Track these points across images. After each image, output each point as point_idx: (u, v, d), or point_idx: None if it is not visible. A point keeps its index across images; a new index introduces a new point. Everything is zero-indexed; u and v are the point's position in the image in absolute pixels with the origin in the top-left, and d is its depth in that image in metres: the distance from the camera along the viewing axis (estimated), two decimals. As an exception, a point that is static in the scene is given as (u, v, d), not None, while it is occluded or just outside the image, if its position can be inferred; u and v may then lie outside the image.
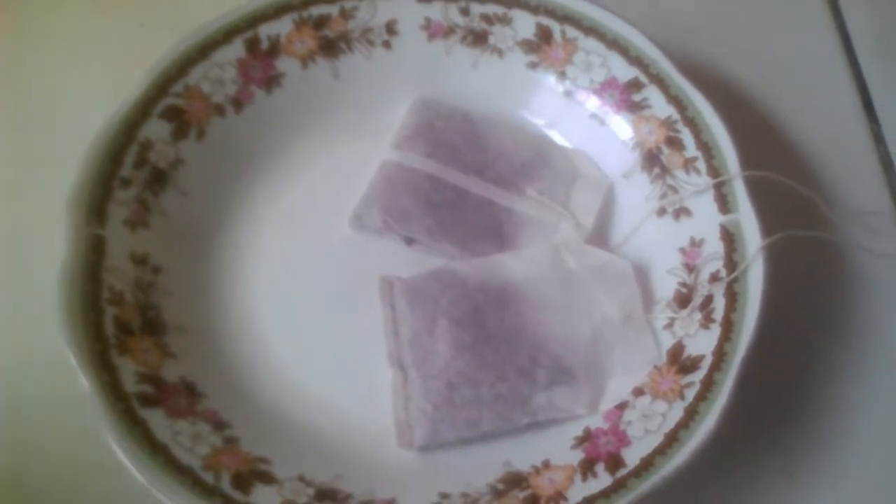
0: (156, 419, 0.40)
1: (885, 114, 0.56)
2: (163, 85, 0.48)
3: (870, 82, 0.57)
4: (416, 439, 0.42)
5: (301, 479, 0.41)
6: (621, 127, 0.50)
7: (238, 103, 0.50)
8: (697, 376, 0.42)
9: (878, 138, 0.55)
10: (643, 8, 0.55)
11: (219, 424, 0.42)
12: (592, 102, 0.51)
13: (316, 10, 0.51)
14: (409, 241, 0.49)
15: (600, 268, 0.47)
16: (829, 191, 0.53)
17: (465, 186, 0.49)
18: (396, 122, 0.52)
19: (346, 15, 0.52)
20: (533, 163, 0.51)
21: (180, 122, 0.48)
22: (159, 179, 0.47)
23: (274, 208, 0.50)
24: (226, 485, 0.39)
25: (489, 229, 0.49)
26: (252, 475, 0.40)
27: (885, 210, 0.53)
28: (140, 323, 0.44)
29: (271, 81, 0.51)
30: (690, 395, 0.42)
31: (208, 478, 0.39)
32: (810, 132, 0.55)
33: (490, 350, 0.44)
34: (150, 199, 0.47)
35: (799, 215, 0.48)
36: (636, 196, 0.49)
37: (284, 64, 0.51)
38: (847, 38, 0.59)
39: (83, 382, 0.40)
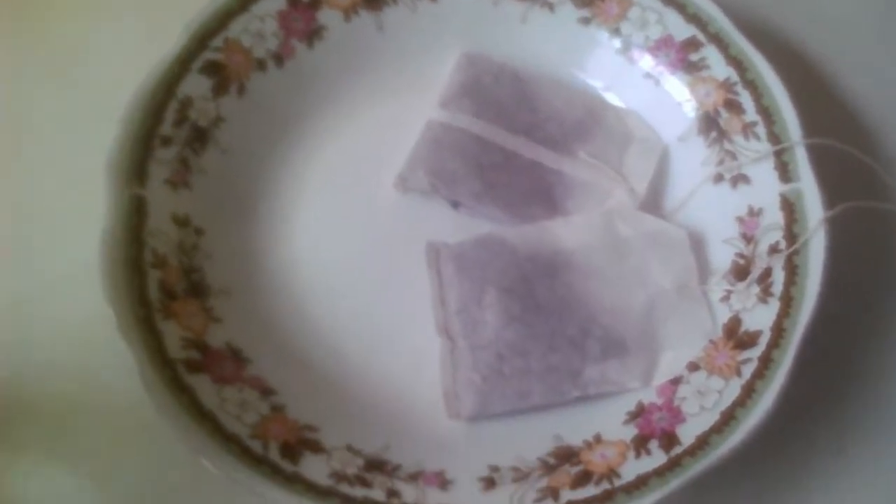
0: (203, 386, 0.40)
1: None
2: (202, 39, 0.47)
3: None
4: (465, 410, 0.42)
5: (349, 448, 0.40)
6: (677, 88, 0.49)
7: (279, 58, 0.49)
8: (755, 352, 0.41)
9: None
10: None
11: (265, 391, 0.41)
12: (647, 61, 0.49)
13: (360, -39, 0.49)
14: (455, 204, 0.47)
15: (654, 235, 0.45)
16: (891, 159, 0.51)
17: (513, 148, 0.48)
18: (442, 77, 0.50)
19: (391, -35, 0.50)
20: (585, 124, 0.49)
21: (221, 77, 0.47)
22: (200, 138, 0.46)
23: (316, 167, 0.48)
24: (274, 454, 0.39)
25: (538, 193, 0.47)
26: (300, 444, 0.40)
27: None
28: (184, 286, 0.43)
29: (313, 35, 0.49)
30: (748, 371, 0.41)
31: (256, 447, 0.39)
32: (875, 98, 0.53)
33: (540, 320, 0.43)
34: (191, 158, 0.46)
35: (861, 185, 0.46)
36: (692, 161, 0.48)
37: (326, 16, 0.49)
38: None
39: (128, 349, 0.39)
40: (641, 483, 0.38)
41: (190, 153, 0.46)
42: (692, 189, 0.47)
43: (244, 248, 0.46)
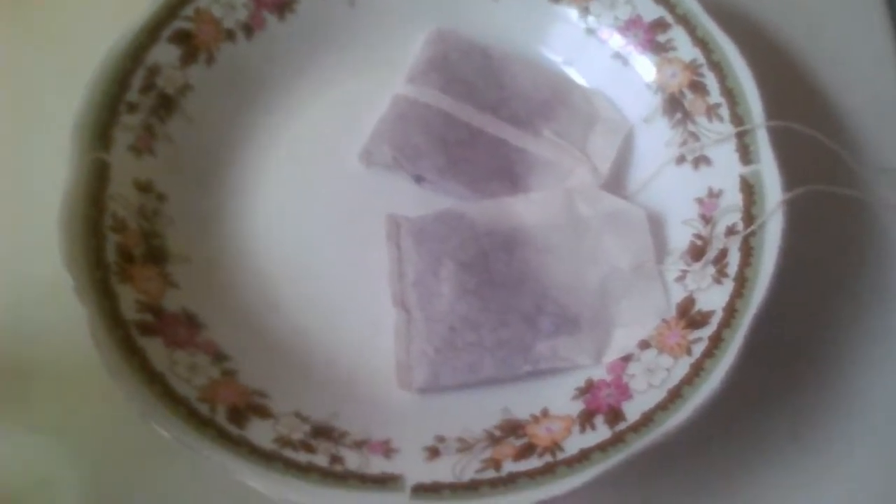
0: (154, 348, 0.40)
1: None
2: (172, 7, 0.47)
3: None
4: (416, 381, 0.42)
5: (297, 415, 0.41)
6: (644, 68, 0.49)
7: (249, 29, 0.49)
8: (706, 332, 0.41)
9: (914, 90, 0.53)
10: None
11: (218, 356, 0.42)
12: (615, 41, 0.49)
13: (332, -67, 0.49)
14: (419, 179, 0.47)
15: (613, 215, 0.46)
16: (856, 145, 0.51)
17: (478, 125, 0.48)
18: (412, 53, 0.50)
19: (363, -62, 0.50)
20: (551, 103, 0.49)
21: (189, 46, 0.47)
22: (166, 105, 0.46)
23: (283, 139, 0.49)
24: (221, 417, 0.39)
25: (501, 170, 0.47)
26: (248, 409, 0.40)
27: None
28: (143, 250, 0.43)
29: (284, 7, 0.50)
30: (698, 350, 0.41)
31: (204, 409, 0.39)
32: (841, 82, 0.53)
33: (494, 295, 0.43)
34: (157, 126, 0.46)
35: (824, 169, 0.46)
36: (656, 142, 0.48)
37: (298, -11, 0.49)
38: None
39: (82, 308, 0.39)
40: (584, 457, 0.38)
41: (156, 120, 0.46)
42: (654, 170, 0.47)
43: (206, 216, 0.46)
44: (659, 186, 0.47)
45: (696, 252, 0.44)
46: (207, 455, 0.37)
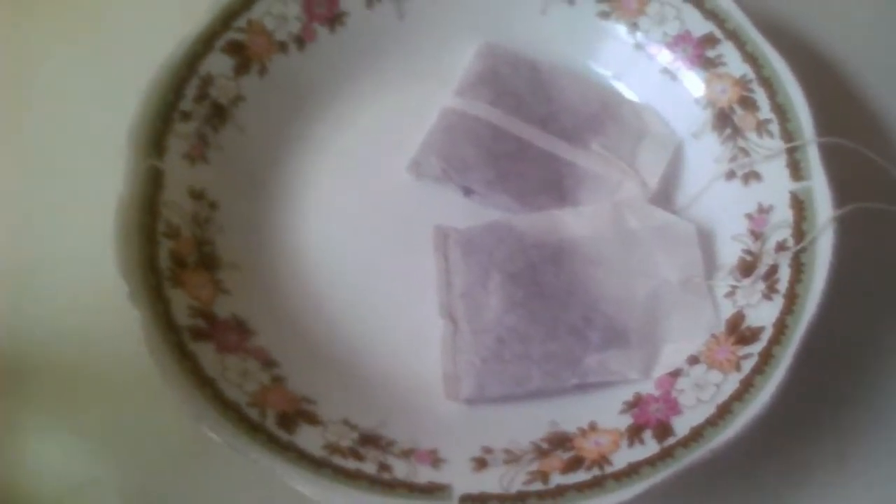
0: (206, 353, 0.40)
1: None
2: (226, 19, 0.48)
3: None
4: (463, 392, 0.42)
5: (346, 422, 0.41)
6: (693, 84, 0.49)
7: (300, 41, 0.49)
8: (756, 348, 0.41)
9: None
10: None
11: (267, 362, 0.42)
12: (664, 56, 0.49)
13: (384, -54, 0.50)
14: (467, 191, 0.48)
15: (662, 229, 0.45)
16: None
17: (527, 138, 0.48)
18: (460, 66, 0.51)
19: (414, -47, 0.50)
20: (599, 116, 0.49)
21: (242, 57, 0.48)
22: (219, 115, 0.47)
23: (332, 149, 0.49)
24: (271, 423, 0.39)
25: (549, 183, 0.48)
26: (297, 415, 0.40)
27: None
28: (195, 257, 0.44)
29: (335, 19, 0.50)
30: (747, 367, 0.40)
31: (254, 414, 0.39)
32: (891, 96, 0.52)
33: (542, 307, 0.43)
34: (210, 134, 0.46)
35: (873, 186, 0.45)
36: (705, 157, 0.48)
37: (349, 2, 0.50)
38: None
39: (136, 313, 0.40)
40: (632, 471, 0.38)
41: (209, 129, 0.47)
42: (704, 185, 0.47)
43: (256, 225, 0.47)
44: (708, 202, 0.47)
45: (746, 268, 0.44)
46: (258, 459, 0.37)
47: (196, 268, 0.44)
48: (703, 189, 0.47)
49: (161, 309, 0.41)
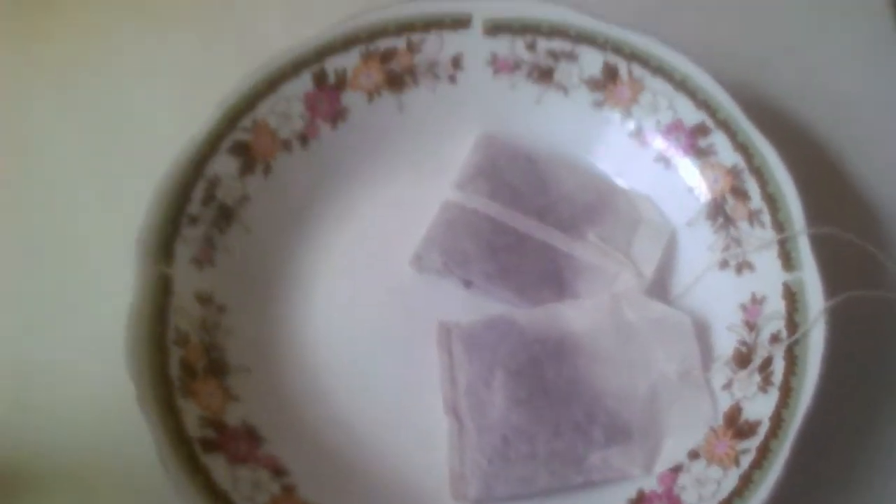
0: (217, 465, 0.42)
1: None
2: (232, 119, 0.49)
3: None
4: (470, 493, 0.43)
5: (356, 526, 0.42)
6: (687, 172, 0.50)
7: (304, 138, 0.51)
8: (754, 442, 0.42)
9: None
10: (712, 40, 0.54)
11: (278, 471, 0.43)
12: (658, 145, 0.50)
13: (383, 43, 0.51)
14: (469, 284, 0.49)
15: (659, 321, 0.47)
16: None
17: (525, 230, 0.49)
18: (460, 156, 0.52)
19: (412, 48, 0.51)
20: (595, 206, 0.50)
21: (248, 157, 0.49)
22: (226, 216, 0.48)
23: (337, 244, 0.50)
24: (283, 533, 0.40)
25: (548, 275, 0.49)
26: (309, 523, 0.42)
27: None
28: (204, 364, 0.45)
29: (337, 116, 0.51)
30: (746, 461, 0.42)
31: (267, 526, 0.40)
32: (883, 183, 0.53)
33: (546, 404, 0.45)
34: (217, 237, 0.48)
35: (865, 271, 0.47)
36: (699, 245, 0.49)
37: (350, 98, 0.51)
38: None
39: (147, 426, 0.41)
40: (639, 570, 0.39)
41: (215, 232, 0.48)
42: (698, 275, 0.48)
43: (264, 326, 0.48)
44: (703, 291, 0.48)
45: (742, 359, 0.45)
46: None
47: (205, 375, 0.45)
48: (697, 279, 0.48)
49: (172, 421, 0.42)
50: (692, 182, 0.49)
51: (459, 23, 0.51)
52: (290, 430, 0.45)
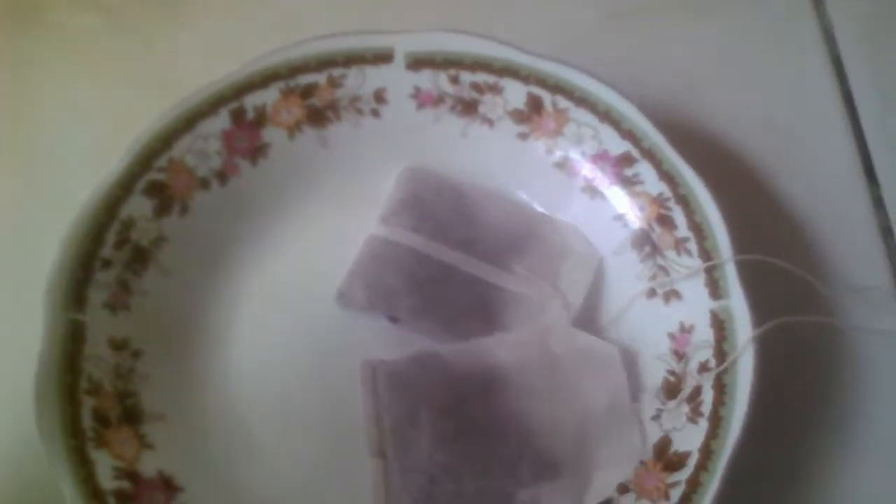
0: (132, 519, 0.40)
1: (885, 176, 0.54)
2: (146, 159, 0.48)
3: (871, 142, 0.55)
4: (396, 535, 0.42)
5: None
6: (613, 202, 0.49)
7: (223, 176, 0.49)
8: (683, 475, 0.41)
9: (879, 203, 0.54)
10: (639, 68, 0.54)
11: (196, 522, 0.41)
12: (584, 176, 0.50)
13: (303, 79, 0.50)
14: (394, 319, 0.48)
15: (586, 352, 0.46)
16: (825, 262, 0.51)
17: (451, 262, 0.49)
18: (385, 191, 0.51)
19: (333, 83, 0.51)
20: (522, 237, 0.50)
21: (163, 197, 0.48)
22: (141, 258, 0.47)
23: (259, 284, 0.49)
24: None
25: (476, 308, 0.48)
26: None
27: (884, 283, 0.51)
28: (118, 412, 0.43)
29: (257, 152, 0.50)
30: (676, 495, 0.41)
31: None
32: (808, 198, 0.53)
33: (473, 442, 0.43)
34: (131, 280, 0.46)
35: (794, 294, 0.47)
36: (627, 274, 0.48)
37: (270, 134, 0.50)
38: (850, 98, 0.57)
39: (59, 480, 0.39)
40: None
41: (130, 275, 0.46)
42: (625, 304, 0.47)
43: (182, 370, 0.46)
44: (631, 320, 0.47)
45: (671, 389, 0.44)
46: None
47: (119, 424, 0.43)
48: (625, 308, 0.47)
49: (85, 474, 0.41)
50: (619, 211, 0.49)
51: (381, 57, 0.51)
52: (210, 479, 0.44)
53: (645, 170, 0.48)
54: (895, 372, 0.49)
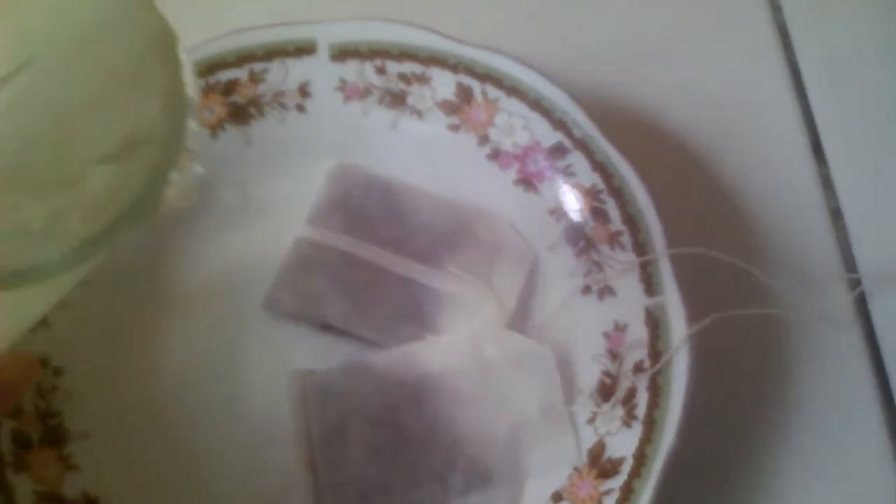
0: (53, 546, 0.39)
1: (834, 155, 0.53)
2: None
3: (819, 120, 0.54)
4: (326, 551, 0.41)
5: None
6: (546, 195, 0.48)
7: (144, 180, 0.47)
8: (617, 482, 0.40)
9: (827, 184, 0.52)
10: (576, 50, 0.52)
11: (122, 547, 0.41)
12: (516, 168, 0.48)
13: (223, 75, 0.48)
14: (325, 326, 0.46)
15: (520, 355, 0.45)
16: (772, 249, 0.50)
17: (383, 264, 0.47)
18: (313, 189, 0.49)
19: (255, 79, 0.49)
20: (454, 234, 0.48)
21: (83, 205, 0.46)
22: (61, 272, 0.45)
23: (183, 294, 0.47)
24: None
25: (409, 310, 0.46)
26: None
27: (832, 268, 0.50)
28: (40, 433, 0.42)
29: (179, 154, 0.48)
30: (610, 503, 0.40)
31: None
32: (753, 181, 0.52)
33: (404, 453, 0.43)
34: (51, 295, 0.45)
35: (738, 286, 0.45)
36: (561, 271, 0.47)
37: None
38: (797, 72, 0.55)
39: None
40: None
41: (49, 289, 0.45)
42: (559, 302, 0.46)
43: (106, 386, 0.45)
44: (566, 319, 0.46)
45: (606, 391, 0.43)
46: None
47: (41, 445, 0.42)
48: (559, 306, 0.46)
49: (4, 500, 0.39)
50: (552, 205, 0.47)
51: (304, 49, 0.49)
52: (138, 496, 0.43)
53: (578, 161, 0.47)
54: (843, 361, 0.48)
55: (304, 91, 0.49)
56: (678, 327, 0.42)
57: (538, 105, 0.47)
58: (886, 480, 0.46)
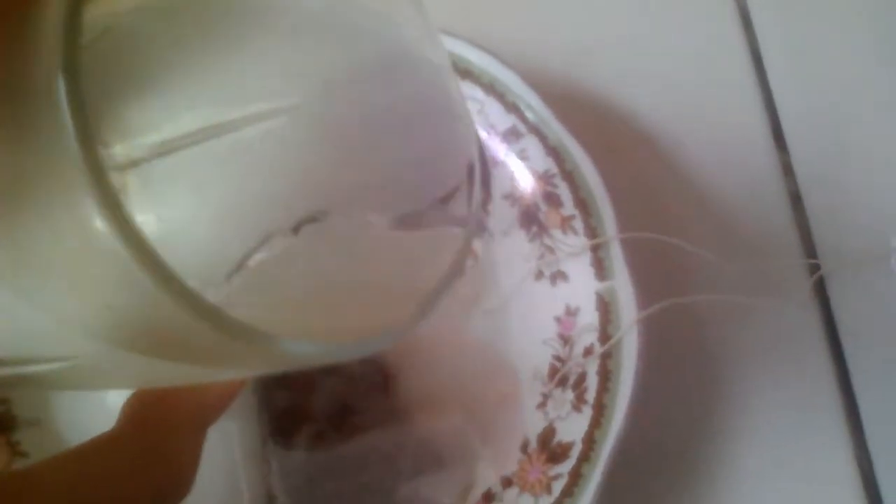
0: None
1: (795, 141, 0.52)
2: None
3: (780, 105, 0.53)
4: (273, 539, 0.41)
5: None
6: (500, 179, 0.47)
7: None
8: (566, 467, 0.40)
9: (788, 170, 0.52)
10: (532, 33, 0.52)
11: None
12: (471, 152, 0.48)
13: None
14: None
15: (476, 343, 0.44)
16: (731, 234, 0.49)
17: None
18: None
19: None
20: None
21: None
22: None
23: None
24: None
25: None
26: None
27: (793, 253, 0.50)
28: (-13, 421, 0.42)
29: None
30: (558, 488, 0.40)
31: None
32: (712, 166, 0.51)
33: (354, 438, 0.42)
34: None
35: (695, 270, 0.45)
36: (515, 256, 0.47)
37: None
38: (758, 56, 0.55)
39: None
40: None
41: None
42: (512, 287, 0.46)
43: (56, 373, 0.45)
44: (519, 304, 0.46)
45: (557, 375, 0.43)
46: None
47: (-12, 433, 0.42)
48: (512, 291, 0.46)
49: (-55, 489, 0.39)
50: (506, 189, 0.47)
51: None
52: (85, 486, 0.42)
53: (532, 144, 0.46)
54: (802, 346, 0.48)
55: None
56: (629, 312, 0.42)
57: (492, 88, 0.47)
58: (844, 459, 0.46)
